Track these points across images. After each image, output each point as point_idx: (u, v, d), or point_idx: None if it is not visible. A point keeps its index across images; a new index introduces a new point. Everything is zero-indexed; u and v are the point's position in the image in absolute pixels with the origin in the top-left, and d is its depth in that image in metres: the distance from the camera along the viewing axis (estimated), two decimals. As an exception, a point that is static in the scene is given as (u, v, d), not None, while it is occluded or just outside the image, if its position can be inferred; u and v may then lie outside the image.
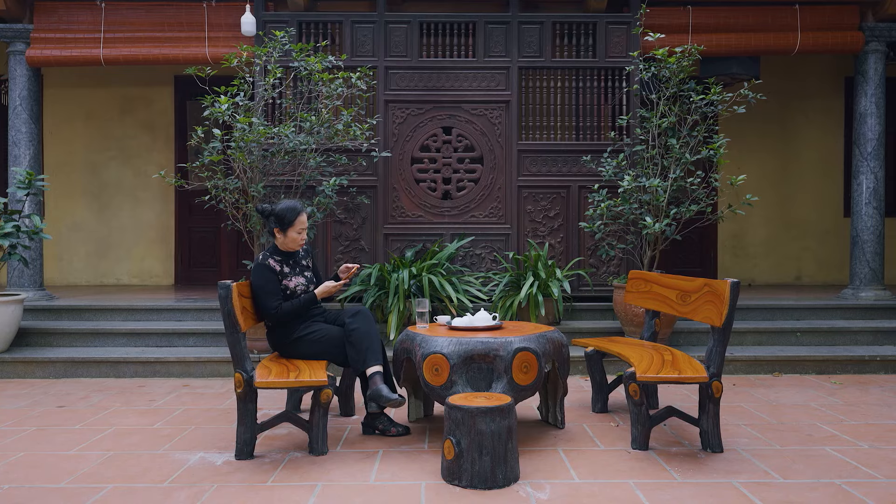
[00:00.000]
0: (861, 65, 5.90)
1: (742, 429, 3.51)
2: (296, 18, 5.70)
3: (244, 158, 4.85)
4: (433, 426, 3.59)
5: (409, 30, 5.73)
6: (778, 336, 5.25)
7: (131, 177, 7.51)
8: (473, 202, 5.73)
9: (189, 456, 3.12)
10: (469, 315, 3.60)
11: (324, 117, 4.99)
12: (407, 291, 5.02)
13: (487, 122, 5.72)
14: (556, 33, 5.76)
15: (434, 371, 3.11)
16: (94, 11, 5.81)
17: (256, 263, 3.46)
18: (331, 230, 5.68)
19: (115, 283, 7.51)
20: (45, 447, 3.26)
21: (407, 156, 5.72)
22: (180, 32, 5.82)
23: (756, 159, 7.47)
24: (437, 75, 5.72)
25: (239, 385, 3.06)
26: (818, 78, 7.53)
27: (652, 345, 3.72)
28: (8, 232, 4.75)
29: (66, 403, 4.11)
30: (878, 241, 5.86)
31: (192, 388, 4.53)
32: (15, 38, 5.79)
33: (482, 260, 5.71)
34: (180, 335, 5.19)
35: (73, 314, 5.49)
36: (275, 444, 3.28)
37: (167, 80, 7.44)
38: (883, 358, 4.90)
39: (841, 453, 3.13)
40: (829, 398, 4.17)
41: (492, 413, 2.70)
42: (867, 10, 5.83)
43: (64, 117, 7.50)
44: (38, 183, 5.00)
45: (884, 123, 5.89)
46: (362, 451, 3.18)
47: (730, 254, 7.60)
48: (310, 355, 3.42)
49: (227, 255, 7.50)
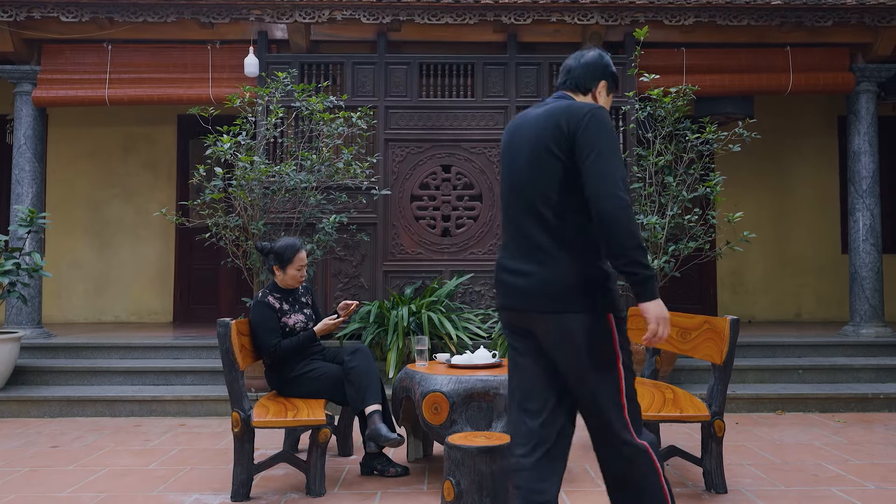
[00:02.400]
0: (853, 104, 6.01)
1: (746, 469, 3.46)
2: (298, 60, 5.82)
3: (245, 196, 4.89)
4: (432, 466, 3.53)
5: (408, 70, 5.85)
6: (780, 373, 5.21)
7: (132, 214, 7.56)
8: (473, 239, 5.76)
9: (184, 498, 3.07)
10: (469, 353, 3.58)
11: (324, 156, 5.05)
12: (406, 329, 5.00)
13: (486, 161, 5.79)
14: (553, 74, 5.88)
15: (433, 410, 3.08)
16: (101, 53, 5.94)
17: (256, 301, 3.46)
18: (330, 267, 5.69)
19: (114, 321, 7.48)
20: (38, 488, 3.21)
21: (406, 193, 5.77)
22: (185, 73, 5.93)
23: (752, 196, 7.53)
24: (436, 115, 5.82)
25: (236, 424, 3.02)
26: (812, 116, 7.65)
27: (653, 382, 3.69)
28: (8, 269, 4.76)
29: (60, 443, 4.05)
30: (877, 277, 5.87)
31: (188, 427, 4.47)
32: (22, 79, 5.89)
33: (482, 297, 5.71)
34: (177, 373, 5.15)
35: (70, 352, 5.45)
36: (271, 486, 3.23)
37: (170, 120, 7.54)
38: (886, 396, 4.86)
39: (847, 494, 3.08)
40: (834, 437, 4.12)
41: (492, 453, 2.66)
42: (857, 51, 5.97)
43: (68, 155, 7.58)
44: (39, 221, 5.03)
45: (878, 161, 5.96)
46: (360, 493, 3.12)
47: (729, 291, 7.60)
48: (308, 394, 3.39)
49: (227, 292, 7.49)
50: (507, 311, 2.07)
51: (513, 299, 2.03)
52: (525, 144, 2.03)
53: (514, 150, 2.07)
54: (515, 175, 2.05)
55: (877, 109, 6.00)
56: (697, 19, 5.58)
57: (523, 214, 2.00)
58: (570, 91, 2.13)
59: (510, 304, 2.04)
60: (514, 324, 2.07)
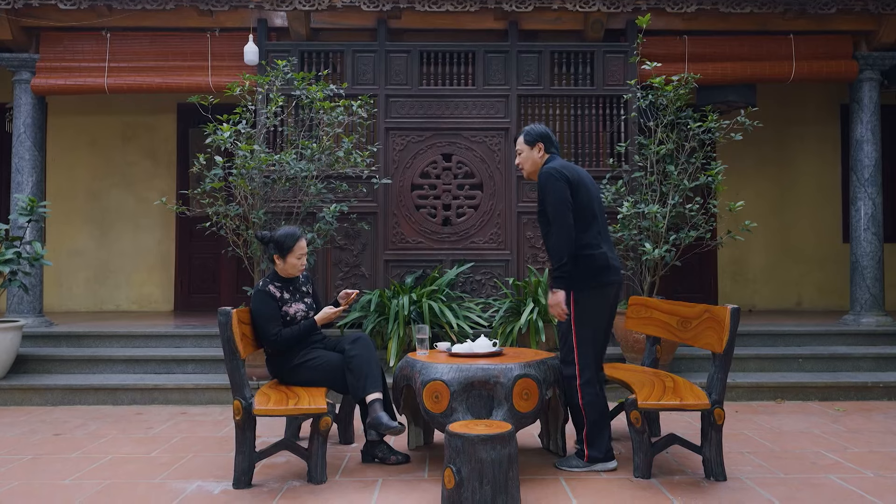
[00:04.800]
0: (856, 93, 5.98)
1: (745, 457, 3.48)
2: (298, 48, 5.79)
3: (245, 185, 4.88)
4: (433, 454, 3.55)
5: (409, 59, 5.81)
6: (780, 362, 5.22)
7: (133, 203, 7.55)
8: (473, 228, 5.75)
9: (186, 485, 3.09)
10: (469, 341, 3.58)
11: (325, 145, 5.03)
12: (407, 318, 5.01)
13: (487, 149, 5.77)
14: (555, 62, 5.85)
15: (434, 398, 3.09)
16: (100, 41, 5.90)
17: (256, 290, 3.46)
18: (331, 256, 5.69)
19: (115, 309, 7.49)
20: (41, 476, 3.23)
21: (407, 182, 5.76)
22: (184, 62, 5.90)
23: (754, 185, 7.52)
24: (437, 103, 5.79)
25: (237, 412, 3.04)
26: (814, 105, 7.62)
27: (653, 371, 3.70)
28: (9, 258, 4.76)
29: (62, 431, 4.07)
30: (878, 266, 5.86)
31: (190, 415, 4.49)
32: (21, 67, 5.87)
33: (482, 286, 5.71)
34: (179, 362, 5.17)
35: (71, 341, 5.47)
36: (273, 473, 3.24)
37: (170, 108, 7.52)
38: (886, 384, 4.87)
39: (846, 482, 3.09)
40: (833, 425, 4.14)
41: (492, 441, 2.67)
42: (860, 39, 5.93)
43: (67, 144, 7.56)
44: (39, 210, 5.02)
45: (880, 150, 5.94)
46: (361, 480, 3.14)
47: (730, 279, 7.60)
48: (309, 382, 3.40)
49: (228, 281, 7.50)
50: (619, 284, 3.29)
51: (621, 275, 3.31)
52: (591, 185, 3.31)
53: (590, 184, 3.29)
54: (596, 198, 3.30)
55: (879, 98, 5.97)
56: (700, 6, 5.54)
57: (605, 223, 3.33)
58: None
59: (622, 278, 3.33)
60: (618, 292, 3.34)
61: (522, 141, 3.36)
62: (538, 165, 3.33)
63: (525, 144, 3.35)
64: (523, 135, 3.36)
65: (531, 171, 3.37)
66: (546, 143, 3.34)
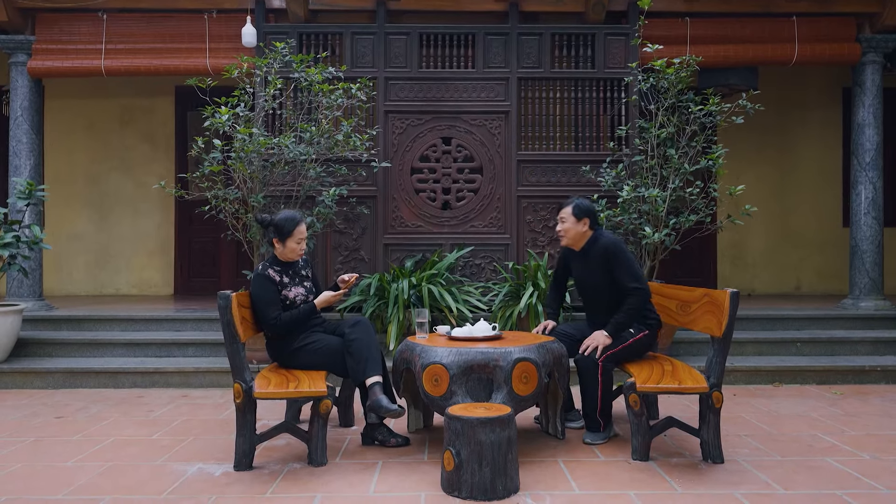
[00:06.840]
0: (858, 76, 5.93)
1: (743, 439, 3.50)
2: (296, 30, 5.73)
3: (244, 169, 4.86)
4: (433, 437, 3.57)
5: (408, 41, 5.76)
6: (778, 346, 5.24)
7: (131, 187, 7.53)
8: (473, 212, 5.74)
9: (187, 467, 3.11)
10: (469, 325, 3.59)
11: (324, 128, 5.00)
12: (406, 301, 5.02)
13: (487, 133, 5.74)
14: (556, 44, 5.80)
15: (434, 381, 3.10)
16: (96, 23, 5.85)
17: (256, 273, 3.46)
18: (330, 240, 5.68)
19: (115, 293, 7.50)
20: (43, 458, 3.25)
21: (406, 166, 5.74)
22: (181, 44, 5.85)
23: (755, 169, 7.49)
24: (436, 86, 5.75)
25: (238, 395, 3.05)
26: (816, 88, 7.57)
27: (652, 355, 3.71)
28: (8, 242, 4.75)
29: (64, 414, 4.10)
30: (878, 250, 5.86)
31: (190, 398, 4.52)
32: (17, 50, 5.82)
33: (482, 270, 5.71)
34: (179, 345, 5.18)
35: (72, 324, 5.48)
36: (273, 456, 3.27)
37: (168, 91, 7.47)
38: (883, 368, 4.89)
39: (842, 464, 3.11)
40: (830, 408, 4.16)
41: (491, 424, 2.69)
42: (864, 22, 5.87)
43: (65, 128, 7.52)
44: (38, 193, 5.01)
45: (882, 134, 5.91)
46: (361, 462, 3.16)
47: (729, 264, 7.61)
48: (309, 366, 3.42)
49: (227, 265, 7.50)
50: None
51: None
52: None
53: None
54: None
55: (882, 81, 5.93)
56: (702, -12, 5.48)
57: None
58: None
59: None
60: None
61: (570, 212, 3.56)
62: (581, 237, 3.58)
63: (572, 216, 3.55)
64: (572, 207, 3.55)
65: (573, 242, 3.60)
66: (592, 220, 3.57)
